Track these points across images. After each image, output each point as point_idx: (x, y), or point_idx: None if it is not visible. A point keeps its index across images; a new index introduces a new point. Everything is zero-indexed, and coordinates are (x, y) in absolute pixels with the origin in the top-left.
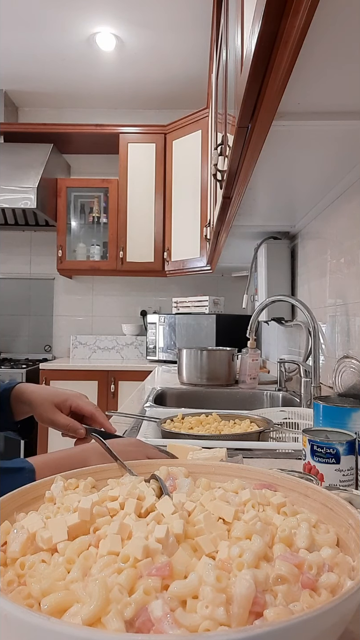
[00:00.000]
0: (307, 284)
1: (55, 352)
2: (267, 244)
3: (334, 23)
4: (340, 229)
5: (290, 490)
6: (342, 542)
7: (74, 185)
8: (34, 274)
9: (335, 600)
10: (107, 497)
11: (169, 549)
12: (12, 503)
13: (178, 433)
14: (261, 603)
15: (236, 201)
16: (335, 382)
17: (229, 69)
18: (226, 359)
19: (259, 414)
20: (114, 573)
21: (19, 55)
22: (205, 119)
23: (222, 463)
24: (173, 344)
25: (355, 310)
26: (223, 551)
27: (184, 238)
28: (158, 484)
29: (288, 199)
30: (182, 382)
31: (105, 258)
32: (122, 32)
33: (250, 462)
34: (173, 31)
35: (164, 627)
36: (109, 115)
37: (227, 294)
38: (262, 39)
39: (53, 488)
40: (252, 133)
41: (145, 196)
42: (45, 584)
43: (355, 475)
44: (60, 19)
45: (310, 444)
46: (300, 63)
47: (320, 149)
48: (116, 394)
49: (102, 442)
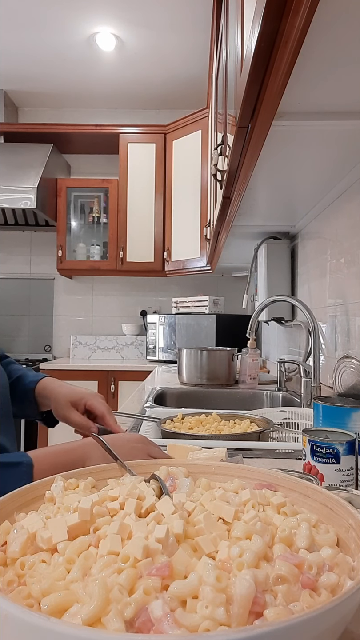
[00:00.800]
0: (307, 284)
1: (55, 352)
2: (267, 244)
3: (334, 23)
4: (340, 229)
5: (290, 490)
6: (342, 542)
7: (74, 185)
8: (34, 274)
9: (335, 600)
10: (107, 497)
11: (169, 549)
12: (12, 503)
13: (178, 433)
14: (261, 603)
15: (236, 201)
16: (335, 382)
17: (229, 69)
18: (226, 359)
19: (259, 414)
20: (114, 573)
21: (19, 55)
22: (205, 119)
23: (222, 463)
24: (173, 344)
25: (355, 310)
26: (223, 551)
27: (184, 238)
28: (158, 484)
29: (288, 199)
30: (182, 382)
31: (105, 258)
32: (122, 32)
33: (250, 462)
34: (173, 31)
35: (164, 627)
36: (109, 115)
37: (227, 294)
38: (262, 39)
39: (53, 488)
40: (252, 133)
41: (145, 196)
42: (45, 584)
43: (355, 475)
44: (60, 19)
45: (310, 444)
46: (300, 63)
47: (320, 149)
48: (116, 394)
49: (102, 443)
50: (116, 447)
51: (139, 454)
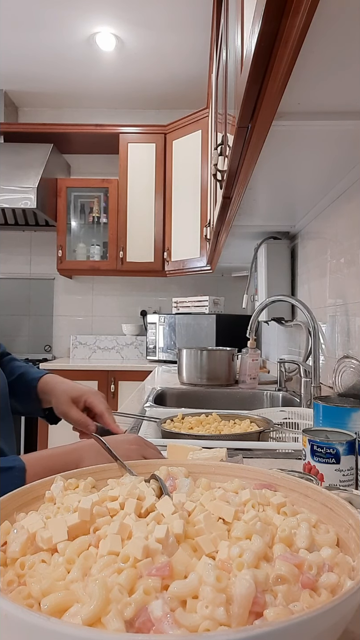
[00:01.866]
0: (307, 284)
1: (55, 352)
2: (267, 244)
3: (334, 23)
4: (340, 229)
5: (290, 490)
6: (342, 542)
7: (74, 185)
8: (34, 274)
9: (335, 600)
10: (107, 497)
11: (169, 549)
12: (12, 503)
13: (178, 433)
14: (261, 603)
15: (236, 201)
16: (335, 382)
17: (229, 69)
18: (226, 359)
19: (259, 414)
20: (114, 573)
21: (19, 55)
22: (205, 119)
23: (222, 463)
24: (173, 344)
25: (355, 310)
26: (223, 551)
27: (184, 238)
28: (158, 484)
29: (288, 199)
30: (182, 382)
31: (105, 258)
32: (122, 32)
33: (250, 462)
34: (173, 31)
35: (164, 627)
36: (109, 115)
37: (227, 294)
38: (262, 39)
39: (53, 488)
40: (252, 133)
41: (145, 196)
42: (45, 584)
43: (355, 475)
44: (60, 19)
45: (310, 444)
46: (300, 63)
47: (320, 149)
48: (116, 394)
49: (103, 443)
50: (112, 448)
51: (134, 455)
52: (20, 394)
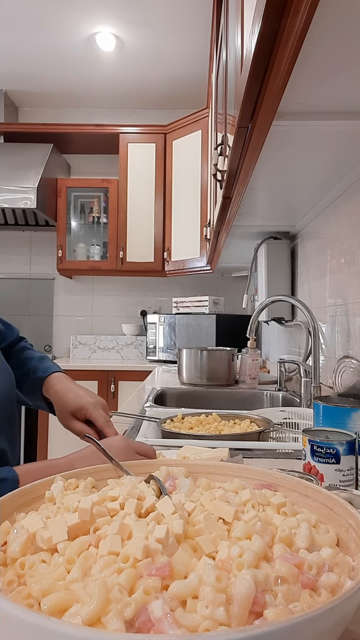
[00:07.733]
0: (307, 284)
1: (55, 352)
2: (267, 244)
3: (334, 23)
4: (340, 229)
5: (290, 490)
6: (342, 542)
7: (74, 185)
8: (34, 274)
9: (335, 600)
10: (107, 497)
11: (169, 549)
12: (12, 503)
13: (178, 433)
14: (261, 603)
15: (236, 201)
16: (335, 382)
17: (229, 69)
18: (226, 359)
19: (259, 414)
20: (114, 573)
21: (19, 55)
22: (205, 119)
23: (222, 463)
24: (173, 344)
25: (355, 310)
26: (223, 551)
27: (184, 238)
28: (157, 484)
29: (288, 199)
30: (182, 382)
31: (105, 258)
32: (122, 32)
33: (250, 462)
34: (173, 31)
35: (164, 627)
36: (109, 115)
37: (227, 294)
38: (262, 39)
39: (53, 488)
40: (252, 133)
41: (145, 196)
42: (45, 584)
43: (355, 475)
44: (60, 19)
45: (310, 444)
46: (300, 63)
47: (320, 149)
48: (116, 394)
49: (97, 445)
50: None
51: (129, 453)
52: (27, 390)
